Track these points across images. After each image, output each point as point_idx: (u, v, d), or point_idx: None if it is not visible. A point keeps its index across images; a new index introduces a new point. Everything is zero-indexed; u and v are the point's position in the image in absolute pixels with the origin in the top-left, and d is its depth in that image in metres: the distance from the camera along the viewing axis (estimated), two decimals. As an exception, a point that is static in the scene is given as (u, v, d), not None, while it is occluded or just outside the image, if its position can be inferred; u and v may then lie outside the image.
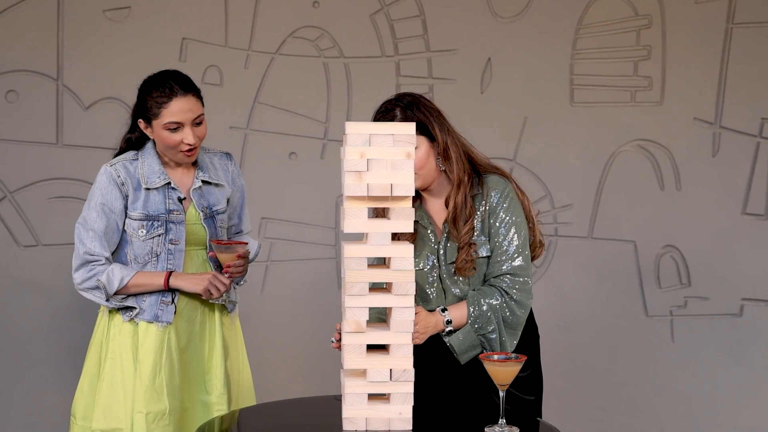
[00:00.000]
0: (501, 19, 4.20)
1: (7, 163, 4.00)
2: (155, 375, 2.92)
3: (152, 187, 2.94)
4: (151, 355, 2.93)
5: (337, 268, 4.16)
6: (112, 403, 2.93)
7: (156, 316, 2.94)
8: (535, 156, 4.22)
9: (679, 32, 4.22)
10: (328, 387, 3.51)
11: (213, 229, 3.02)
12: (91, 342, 3.05)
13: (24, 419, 4.03)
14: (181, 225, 2.96)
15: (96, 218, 2.91)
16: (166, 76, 2.94)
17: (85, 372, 3.03)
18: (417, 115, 2.73)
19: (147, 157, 2.97)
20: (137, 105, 2.97)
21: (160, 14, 4.06)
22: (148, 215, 2.93)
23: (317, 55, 4.15)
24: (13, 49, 3.99)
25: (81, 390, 3.02)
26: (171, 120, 2.89)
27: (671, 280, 4.25)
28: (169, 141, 2.91)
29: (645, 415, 4.24)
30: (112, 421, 2.92)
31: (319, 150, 4.17)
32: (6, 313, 4.01)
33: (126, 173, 2.94)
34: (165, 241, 2.95)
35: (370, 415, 2.40)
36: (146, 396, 2.91)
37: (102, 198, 2.92)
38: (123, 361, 2.94)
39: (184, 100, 2.90)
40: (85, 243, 2.91)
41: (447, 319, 2.70)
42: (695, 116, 4.24)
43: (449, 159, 2.75)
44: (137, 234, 2.94)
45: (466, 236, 2.73)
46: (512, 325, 2.74)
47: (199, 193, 3.01)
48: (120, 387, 2.93)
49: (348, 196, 2.37)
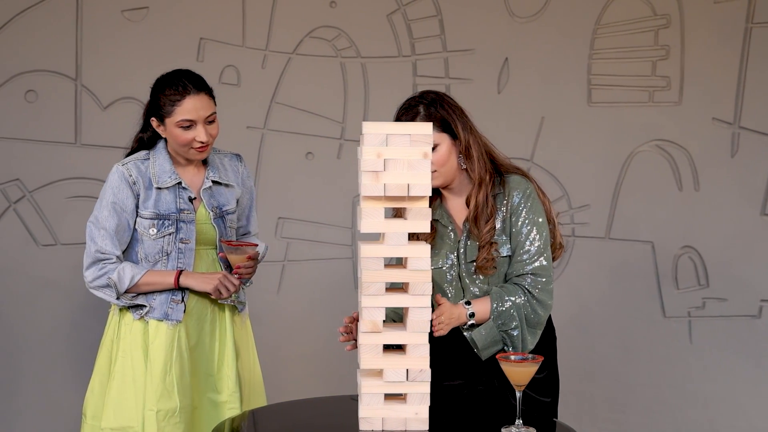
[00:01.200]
0: (518, 18, 4.20)
1: (26, 163, 4.02)
2: (165, 373, 2.93)
3: (163, 186, 2.96)
4: (162, 354, 2.94)
5: (354, 268, 4.16)
6: (122, 401, 2.94)
7: (166, 315, 2.95)
8: (552, 156, 4.21)
9: (698, 32, 4.20)
10: (345, 387, 3.52)
11: (223, 229, 3.03)
12: (102, 341, 3.06)
13: (42, 417, 4.05)
14: (192, 224, 2.97)
15: (107, 217, 2.93)
16: (180, 74, 2.96)
17: (96, 371, 3.05)
18: (440, 113, 2.74)
19: (158, 156, 2.99)
20: (150, 104, 2.99)
21: (177, 14, 4.08)
22: (159, 214, 2.95)
23: (334, 55, 4.15)
24: (32, 49, 4.01)
25: (92, 389, 3.04)
26: (184, 117, 2.91)
27: (689, 281, 4.23)
28: (182, 139, 2.93)
29: (662, 416, 4.23)
30: (122, 419, 2.93)
31: (335, 150, 4.17)
32: (24, 312, 4.03)
33: (137, 172, 2.95)
34: (175, 240, 2.96)
35: (387, 415, 2.40)
36: (157, 394, 2.92)
37: (113, 197, 2.94)
38: (133, 360, 2.96)
39: (197, 99, 2.92)
40: (96, 241, 2.93)
41: (470, 312, 2.69)
42: (714, 116, 4.22)
43: (471, 158, 2.75)
44: (148, 233, 2.95)
45: (487, 235, 2.73)
46: (533, 324, 2.74)
47: (210, 193, 3.03)
48: (131, 385, 2.95)
49: (365, 196, 2.37)
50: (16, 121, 4.02)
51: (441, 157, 2.73)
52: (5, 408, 4.04)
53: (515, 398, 2.41)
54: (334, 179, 4.16)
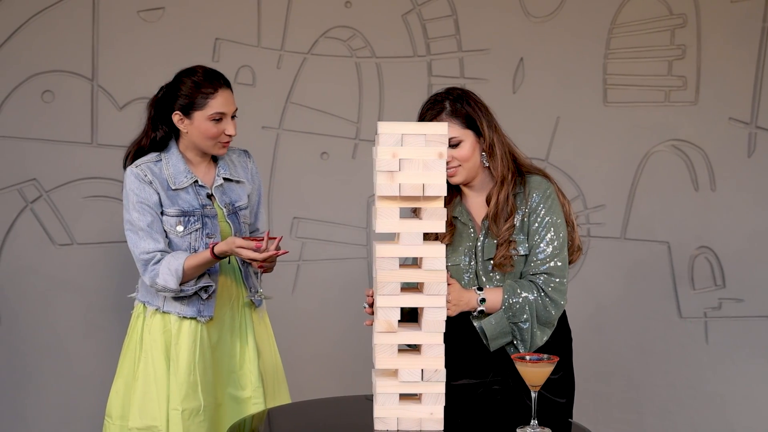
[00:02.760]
0: (534, 18, 4.19)
1: (42, 163, 4.04)
2: (190, 372, 2.95)
3: (180, 187, 2.98)
4: (185, 353, 2.96)
5: (369, 268, 4.16)
6: (147, 401, 2.96)
7: (199, 312, 2.98)
8: (568, 156, 4.20)
9: (715, 31, 4.18)
10: (359, 386, 3.51)
11: (237, 224, 3.05)
12: (126, 342, 3.08)
13: (59, 416, 4.07)
14: (215, 219, 3.01)
15: (139, 216, 2.95)
16: (206, 69, 3.00)
17: (119, 372, 3.06)
18: (465, 109, 2.75)
19: (171, 157, 3.01)
20: (168, 98, 2.99)
21: (193, 15, 4.09)
22: (184, 212, 2.97)
23: (349, 55, 4.16)
24: (49, 49, 4.03)
25: (116, 390, 3.05)
26: (217, 110, 2.95)
27: (705, 282, 4.21)
28: (211, 132, 2.96)
29: (678, 417, 4.21)
30: (147, 419, 2.95)
31: (350, 150, 4.17)
32: (41, 312, 4.05)
33: (152, 174, 2.97)
34: (202, 235, 2.99)
35: (402, 415, 2.40)
36: (182, 393, 2.94)
37: (137, 196, 2.95)
38: (155, 360, 2.97)
39: (227, 93, 2.99)
40: (138, 245, 2.95)
41: (481, 298, 2.69)
42: (730, 116, 4.20)
43: (494, 156, 2.76)
44: (175, 230, 2.97)
45: (506, 233, 2.73)
46: (544, 321, 2.73)
47: (221, 190, 3.05)
48: (152, 385, 2.96)
49: (380, 196, 2.37)
50: (33, 121, 4.03)
51: (465, 154, 2.74)
52: (21, 407, 4.06)
53: (530, 399, 2.41)
54: (349, 179, 4.16)
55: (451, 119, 2.74)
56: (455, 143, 2.74)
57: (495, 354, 2.75)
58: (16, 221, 4.04)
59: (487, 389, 2.77)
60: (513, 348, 2.75)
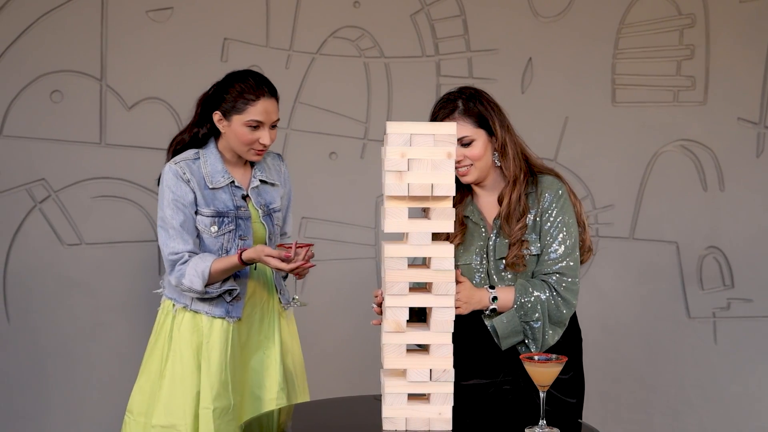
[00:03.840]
0: (542, 18, 4.18)
1: (51, 163, 4.05)
2: (221, 371, 2.97)
3: (217, 186, 3.00)
4: (217, 352, 2.98)
5: (377, 267, 4.16)
6: (173, 399, 2.98)
7: (227, 312, 3.00)
8: (576, 156, 4.19)
9: (723, 31, 4.18)
10: (368, 386, 3.51)
11: (271, 226, 3.07)
12: (152, 339, 3.09)
13: (67, 415, 4.08)
14: (248, 221, 3.03)
15: (172, 215, 2.97)
16: (256, 75, 3.01)
17: (144, 368, 3.08)
18: (478, 108, 2.75)
19: (209, 156, 3.03)
20: (214, 97, 3.01)
21: (202, 15, 4.09)
22: (219, 212, 2.99)
23: (358, 55, 4.16)
24: (58, 49, 4.04)
25: (140, 387, 3.07)
26: (254, 118, 2.96)
27: (714, 282, 4.20)
28: (246, 138, 2.97)
29: (687, 417, 4.20)
30: (172, 417, 2.97)
31: (359, 150, 4.17)
32: (49, 311, 4.06)
33: (191, 172, 2.99)
34: (235, 237, 3.01)
35: (410, 415, 2.40)
36: (213, 392, 2.96)
37: (173, 194, 2.97)
38: (184, 358, 2.99)
39: (269, 102, 2.98)
40: (168, 244, 2.97)
41: (493, 296, 2.69)
42: (739, 116, 4.19)
43: (506, 155, 2.76)
44: (209, 230, 2.99)
45: (518, 233, 2.73)
46: (555, 321, 2.73)
47: (257, 192, 3.07)
48: (179, 384, 2.98)
49: (388, 196, 2.37)
50: (42, 121, 4.04)
51: (477, 153, 2.74)
52: (32, 407, 4.07)
53: (540, 398, 2.41)
54: (357, 179, 4.16)
55: (464, 118, 2.74)
56: (467, 142, 2.74)
57: (506, 354, 2.74)
58: (25, 221, 4.05)
59: (498, 389, 2.77)
60: (524, 348, 2.74)
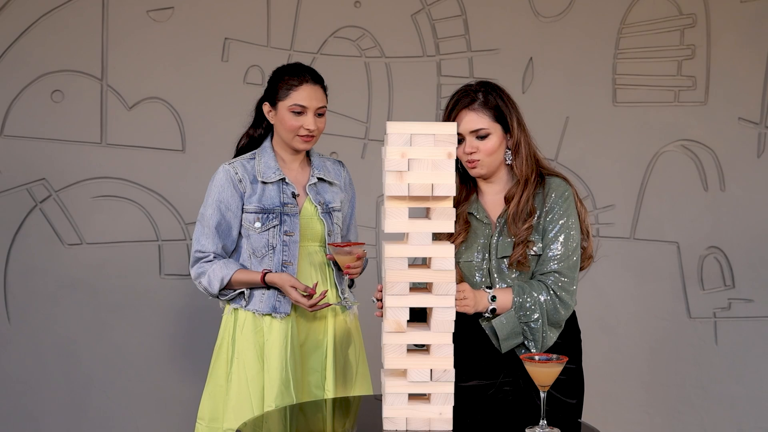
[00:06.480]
0: (543, 18, 4.18)
1: (51, 163, 4.05)
2: (282, 369, 2.99)
3: (268, 181, 3.04)
4: (277, 351, 3.00)
5: (378, 267, 4.16)
6: (241, 402, 3.01)
7: (274, 308, 3.02)
8: (577, 156, 4.19)
9: (724, 31, 4.17)
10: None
11: (330, 224, 3.10)
12: (218, 343, 3.11)
13: (68, 416, 4.08)
14: (296, 217, 3.05)
15: (212, 214, 3.04)
16: (301, 65, 3.09)
17: (211, 373, 3.11)
18: (498, 102, 2.75)
19: (264, 155, 3.09)
20: (265, 92, 3.09)
21: (202, 14, 4.09)
22: (264, 208, 3.03)
23: (358, 54, 4.16)
24: (58, 49, 4.04)
25: (209, 393, 3.09)
26: (297, 103, 3.01)
27: (715, 282, 4.20)
28: (290, 124, 3.02)
29: (688, 417, 4.20)
30: (242, 420, 2.98)
31: (359, 150, 4.17)
32: (50, 311, 4.06)
33: (243, 170, 3.05)
34: (280, 232, 3.03)
35: (411, 415, 2.40)
36: (275, 390, 2.98)
37: (218, 195, 3.04)
38: (247, 360, 3.02)
39: (313, 89, 3.04)
40: (199, 240, 3.05)
41: (492, 296, 2.69)
42: (740, 116, 4.19)
43: (519, 154, 2.76)
44: (253, 227, 3.03)
45: (524, 233, 2.73)
46: (553, 322, 2.73)
47: (315, 189, 3.11)
48: (245, 387, 3.01)
49: (389, 196, 2.37)
50: (42, 120, 4.04)
51: (491, 147, 2.74)
52: (32, 407, 4.07)
53: (540, 399, 2.41)
54: (358, 179, 4.14)
55: (483, 110, 2.74)
56: (483, 135, 2.73)
57: (506, 355, 2.74)
58: (26, 221, 4.05)
59: (498, 390, 2.77)
60: (524, 349, 2.74)
